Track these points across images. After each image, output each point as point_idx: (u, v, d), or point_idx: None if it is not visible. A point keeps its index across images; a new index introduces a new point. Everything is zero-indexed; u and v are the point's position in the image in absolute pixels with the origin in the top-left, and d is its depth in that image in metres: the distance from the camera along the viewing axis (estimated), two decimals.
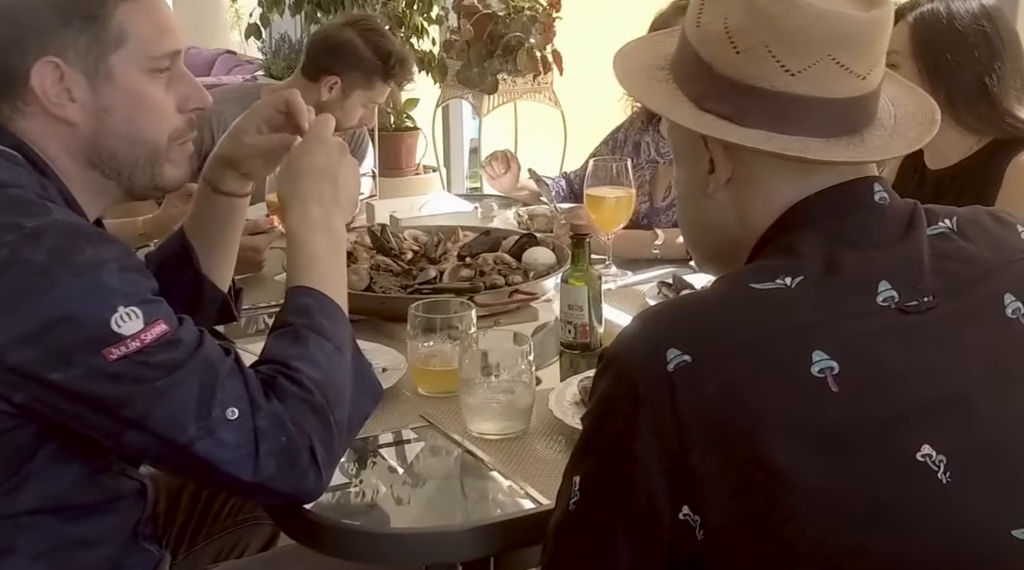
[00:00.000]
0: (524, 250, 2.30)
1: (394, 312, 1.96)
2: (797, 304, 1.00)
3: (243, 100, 2.97)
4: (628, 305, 2.21)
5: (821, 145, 1.06)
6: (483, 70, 4.49)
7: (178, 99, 1.43)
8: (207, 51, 7.40)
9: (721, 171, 1.12)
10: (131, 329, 1.21)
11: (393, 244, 2.34)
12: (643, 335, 1.01)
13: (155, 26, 1.39)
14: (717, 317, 1.01)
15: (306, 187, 1.47)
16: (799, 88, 1.05)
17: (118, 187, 1.42)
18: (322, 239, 1.45)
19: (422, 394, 1.76)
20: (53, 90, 1.33)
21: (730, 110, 1.08)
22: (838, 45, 1.04)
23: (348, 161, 1.53)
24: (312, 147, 1.50)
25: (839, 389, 0.96)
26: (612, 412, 1.01)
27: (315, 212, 1.46)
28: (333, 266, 1.46)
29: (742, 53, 1.06)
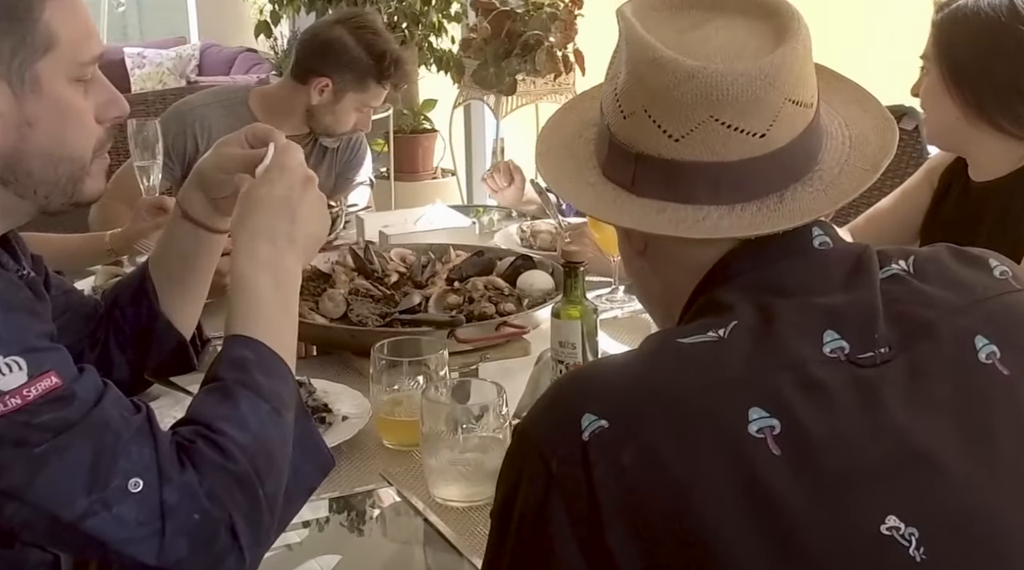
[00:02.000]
0: (519, 274, 2.07)
1: (365, 346, 1.74)
2: (730, 356, 0.90)
3: (228, 104, 2.78)
4: (635, 336, 1.97)
5: (723, 212, 0.97)
6: (500, 70, 4.27)
7: (97, 108, 1.25)
8: (228, 49, 7.24)
9: (632, 243, 1.05)
10: (11, 383, 1.04)
11: (377, 265, 2.12)
12: (556, 404, 0.91)
13: (82, 28, 1.22)
14: (638, 375, 0.91)
15: (258, 221, 1.28)
16: (686, 154, 0.96)
17: (31, 205, 1.25)
18: (269, 281, 1.26)
19: (387, 446, 1.55)
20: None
21: (627, 179, 1.01)
22: (716, 105, 0.94)
23: (312, 196, 1.33)
24: (272, 177, 1.31)
25: (781, 451, 0.84)
26: (523, 496, 0.89)
27: (264, 250, 1.27)
28: (280, 313, 1.27)
29: (628, 118, 0.99)
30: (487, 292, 1.99)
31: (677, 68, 0.94)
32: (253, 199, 1.30)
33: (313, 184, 1.34)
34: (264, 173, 1.32)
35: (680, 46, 0.97)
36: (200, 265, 1.54)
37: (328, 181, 2.89)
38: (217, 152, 1.47)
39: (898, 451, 0.87)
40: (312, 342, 1.90)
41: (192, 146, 2.72)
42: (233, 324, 1.25)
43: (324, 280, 2.10)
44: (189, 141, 2.70)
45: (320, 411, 1.59)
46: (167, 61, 7.45)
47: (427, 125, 5.09)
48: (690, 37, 0.99)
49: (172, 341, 1.56)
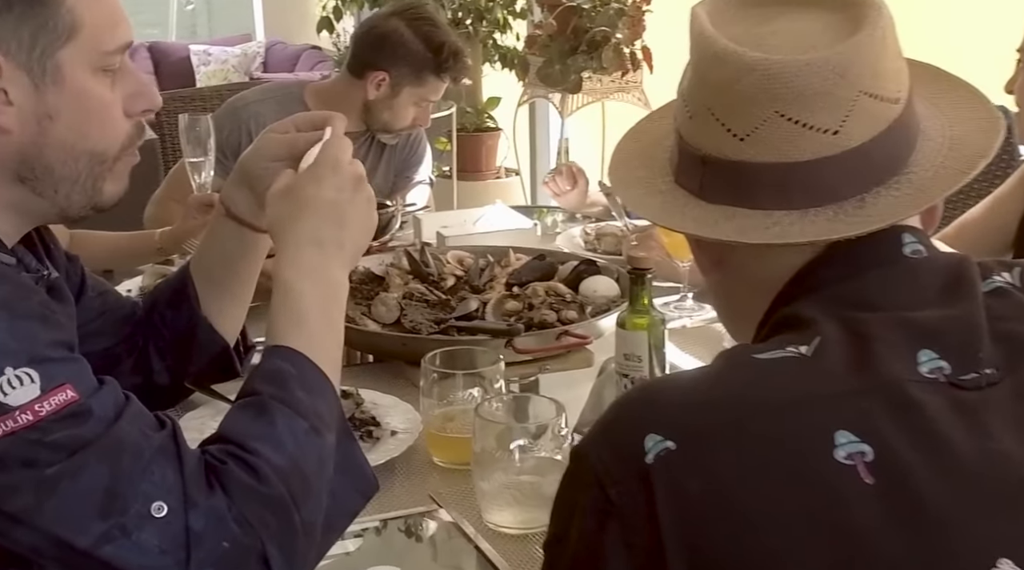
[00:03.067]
0: (582, 279, 1.96)
1: (417, 355, 1.64)
2: (812, 374, 0.82)
3: (283, 100, 2.69)
4: (705, 347, 1.85)
5: (794, 218, 0.90)
6: (566, 67, 4.15)
7: (125, 100, 1.17)
8: (292, 46, 7.20)
9: (706, 253, 0.98)
10: (22, 398, 0.96)
11: (433, 268, 2.02)
12: (617, 423, 0.84)
13: (108, 14, 1.14)
14: (710, 393, 0.82)
15: (304, 224, 1.19)
16: (753, 154, 0.90)
17: (50, 206, 1.16)
18: (314, 290, 1.17)
19: (438, 464, 1.44)
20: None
21: (696, 184, 0.95)
22: (780, 99, 0.88)
23: (362, 198, 1.24)
24: (322, 175, 1.21)
25: (875, 480, 0.75)
26: (578, 526, 0.82)
27: (310, 256, 1.18)
28: (324, 325, 1.18)
29: (693, 118, 0.94)
30: (548, 298, 1.89)
31: (738, 61, 0.89)
32: (300, 200, 1.20)
33: (364, 185, 1.24)
34: (313, 169, 1.22)
35: (746, 40, 0.90)
36: (244, 267, 1.45)
37: (386, 179, 2.80)
38: (261, 140, 1.37)
39: (1008, 484, 0.78)
40: (362, 349, 1.81)
41: (246, 142, 2.63)
42: (274, 334, 1.16)
43: (377, 283, 2.01)
44: (244, 137, 2.62)
45: (367, 424, 1.49)
46: (232, 58, 7.44)
47: (491, 123, 4.99)
48: (759, 31, 0.92)
49: (214, 347, 1.47)
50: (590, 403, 1.73)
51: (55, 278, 1.25)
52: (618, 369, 1.58)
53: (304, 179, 1.22)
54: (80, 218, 1.24)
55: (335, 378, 1.16)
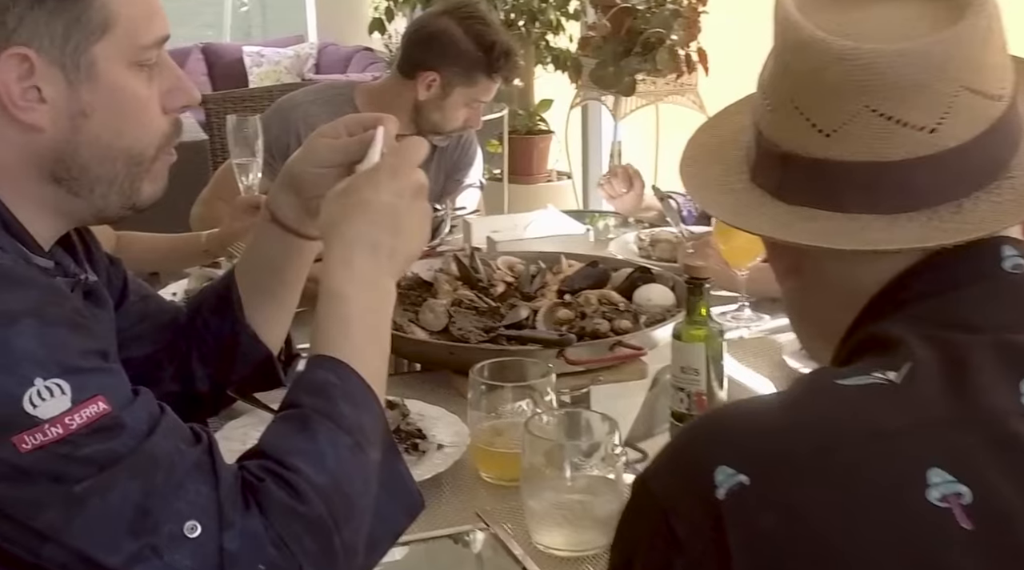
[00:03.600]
0: (636, 287, 1.90)
1: (466, 364, 1.59)
2: (902, 404, 0.74)
3: (332, 101, 2.65)
4: (762, 360, 1.79)
5: (884, 223, 0.82)
6: (619, 69, 4.08)
7: (162, 96, 1.14)
8: (345, 48, 7.19)
9: (783, 258, 0.91)
10: (52, 410, 0.92)
11: (483, 274, 1.97)
12: (684, 453, 0.78)
13: (144, 7, 1.10)
14: (787, 422, 0.75)
15: (359, 229, 1.14)
16: (839, 152, 0.83)
17: (87, 207, 1.13)
18: (363, 299, 1.12)
19: (486, 480, 1.39)
20: (19, 88, 1.04)
21: (774, 183, 0.88)
22: (871, 92, 0.81)
23: (420, 208, 1.19)
24: (381, 179, 1.16)
25: (973, 526, 0.68)
26: (642, 562, 0.76)
27: (362, 263, 1.13)
28: (371, 336, 1.13)
29: (774, 112, 0.88)
30: (601, 307, 1.83)
31: (826, 49, 0.82)
32: (356, 202, 1.15)
33: (424, 194, 1.19)
34: (373, 172, 1.17)
35: (836, 28, 0.83)
36: (289, 274, 1.40)
37: (436, 182, 2.75)
38: (310, 144, 1.33)
39: None
40: (409, 358, 1.76)
41: (295, 144, 2.59)
42: (319, 343, 1.11)
43: (425, 289, 1.96)
44: (292, 139, 2.58)
45: (413, 437, 1.44)
46: (285, 60, 7.45)
47: (543, 126, 4.94)
48: (849, 19, 0.85)
49: (257, 355, 1.43)
50: (643, 416, 1.67)
51: (93, 282, 1.22)
52: (674, 383, 1.52)
53: (363, 181, 1.17)
54: (117, 219, 1.20)
55: (380, 391, 1.11)
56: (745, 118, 0.96)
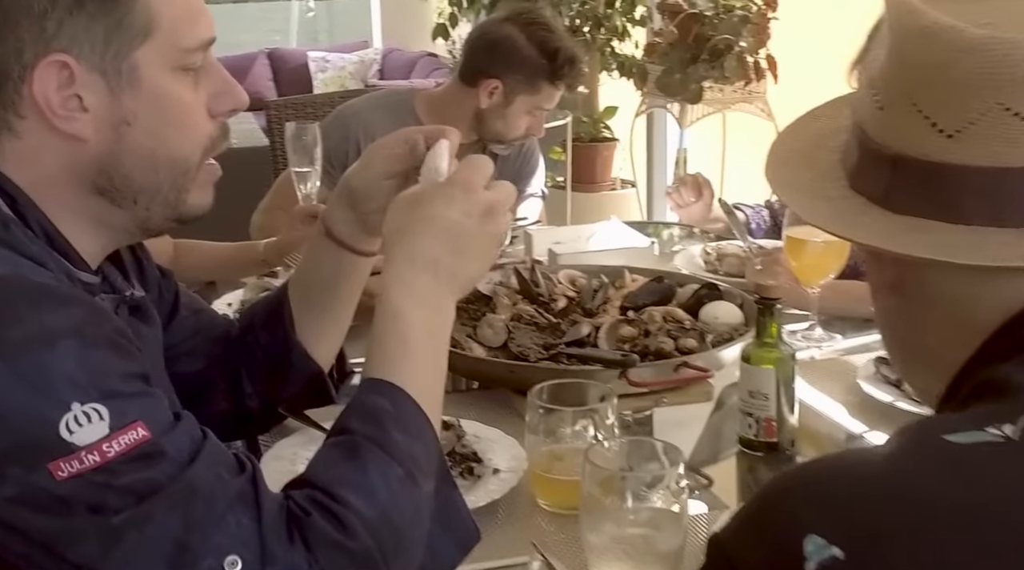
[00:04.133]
0: (703, 304, 1.83)
1: (525, 383, 1.53)
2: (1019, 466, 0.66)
3: (393, 109, 2.61)
4: (835, 383, 1.71)
5: (1009, 238, 0.73)
6: (686, 77, 4.00)
7: (209, 100, 1.09)
8: (409, 53, 7.19)
9: (883, 272, 0.82)
10: (89, 436, 0.88)
11: (543, 289, 1.91)
12: (768, 518, 0.68)
13: (187, 9, 1.06)
14: (886, 484, 0.66)
15: (422, 244, 1.08)
16: (960, 155, 0.74)
17: (130, 219, 1.09)
18: (422, 319, 1.07)
19: (544, 507, 1.33)
20: (58, 97, 1.00)
21: (879, 189, 0.79)
22: (1005, 88, 0.72)
23: (490, 229, 1.12)
24: (453, 195, 1.10)
25: None
26: None
27: (423, 281, 1.08)
28: (428, 359, 1.08)
29: (885, 109, 0.79)
30: (665, 325, 1.76)
31: (954, 39, 0.73)
32: (424, 216, 1.09)
33: (495, 216, 1.12)
34: (446, 186, 1.12)
35: (962, 14, 0.74)
36: (343, 291, 1.35)
37: None
38: (367, 156, 1.28)
39: None
40: (466, 376, 1.70)
41: (354, 153, 2.56)
42: (374, 364, 1.06)
43: (485, 303, 1.90)
44: (351, 147, 2.55)
45: (468, 461, 1.38)
46: (349, 65, 7.46)
47: (607, 133, 4.87)
48: (977, 6, 0.76)
49: (308, 372, 1.38)
50: (708, 439, 1.61)
51: (140, 298, 1.18)
52: (742, 407, 1.45)
53: (435, 194, 1.11)
54: (162, 231, 1.16)
55: (436, 417, 1.06)
56: (834, 121, 0.88)
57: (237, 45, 9.25)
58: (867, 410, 1.58)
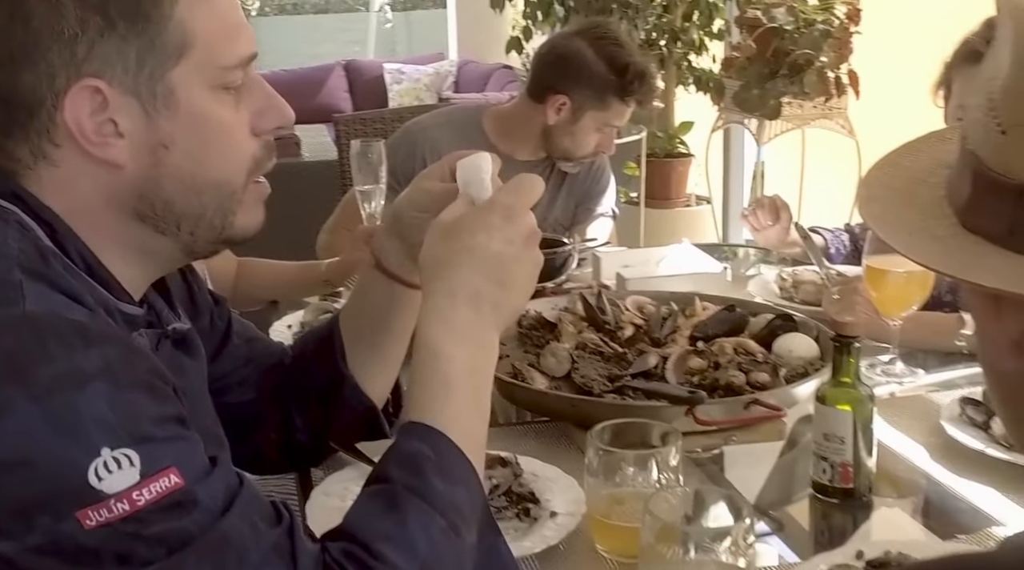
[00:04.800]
0: (776, 336, 1.74)
1: (587, 417, 1.47)
2: None
3: (460, 125, 2.57)
4: (916, 422, 1.61)
5: None
6: (764, 92, 3.90)
7: (252, 118, 1.05)
8: (484, 65, 7.16)
9: (1004, 325, 0.69)
10: (119, 483, 0.84)
11: (610, 316, 1.84)
12: None
13: (224, 25, 1.01)
14: None
15: (462, 276, 1.03)
16: None
17: (174, 245, 1.06)
18: (464, 356, 1.02)
19: (602, 554, 1.26)
20: (92, 123, 0.96)
21: (1000, 226, 0.68)
22: None
23: (532, 258, 1.07)
24: (492, 223, 1.05)
25: None
26: None
27: (464, 315, 1.03)
28: (471, 399, 1.03)
29: (1009, 133, 0.66)
30: (737, 357, 1.68)
31: None
32: (464, 248, 1.04)
33: (535, 242, 1.07)
34: (485, 214, 1.06)
35: None
36: (394, 325, 1.31)
37: (566, 211, 2.64)
38: (415, 187, 1.23)
39: None
40: (526, 408, 1.64)
41: (420, 170, 2.51)
42: (413, 406, 1.01)
43: (549, 330, 1.84)
44: (418, 164, 2.50)
45: (525, 501, 1.32)
46: (425, 77, 7.46)
47: (682, 149, 4.77)
48: None
49: (359, 406, 1.34)
50: (778, 478, 1.52)
51: (186, 330, 1.14)
52: (816, 450, 1.37)
53: (473, 222, 1.06)
54: (209, 254, 1.12)
55: (479, 461, 1.00)
56: (932, 155, 0.79)
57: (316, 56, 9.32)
58: (952, 454, 1.48)
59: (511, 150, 2.52)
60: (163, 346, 1.09)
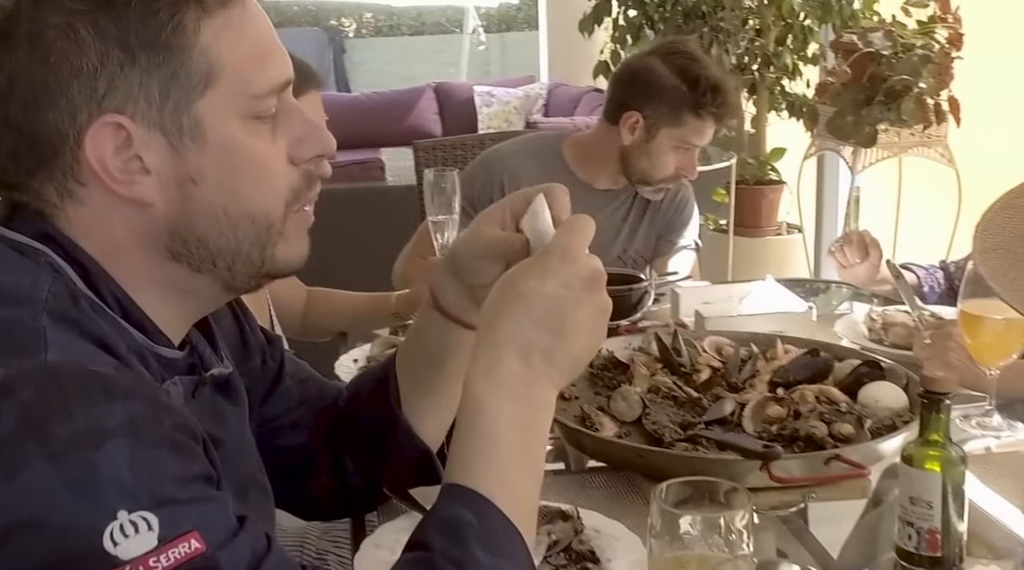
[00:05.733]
0: (862, 383, 1.64)
1: (655, 469, 1.40)
2: None
3: (540, 153, 2.51)
4: (1014, 481, 1.50)
5: None
6: (859, 119, 3.77)
7: (290, 146, 1.00)
8: (574, 88, 7.09)
9: None
10: (136, 549, 0.79)
11: (685, 357, 1.76)
12: None
13: (253, 50, 0.96)
14: None
15: (512, 325, 0.97)
16: None
17: (213, 282, 1.01)
18: (512, 413, 0.95)
19: None
20: (117, 161, 0.92)
21: None
22: None
23: (595, 304, 0.99)
24: (547, 265, 0.98)
25: None
26: None
27: (512, 368, 0.96)
28: (520, 460, 0.95)
29: None
30: (819, 406, 1.58)
31: None
32: (516, 294, 0.97)
33: (601, 284, 0.99)
34: (541, 257, 1.00)
35: None
36: (450, 366, 1.24)
37: (647, 242, 2.56)
38: (473, 229, 1.17)
39: None
40: (592, 457, 1.56)
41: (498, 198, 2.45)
42: (457, 466, 0.94)
43: (621, 371, 1.76)
44: (496, 193, 2.45)
45: (585, 560, 1.25)
46: (515, 100, 7.43)
47: (774, 176, 4.65)
48: None
49: (413, 451, 1.28)
50: (859, 538, 1.43)
51: (227, 374, 1.09)
52: (901, 514, 1.27)
53: (528, 267, 0.99)
54: (250, 290, 1.06)
55: (529, 528, 0.93)
56: None
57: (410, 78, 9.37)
58: None
59: (591, 178, 2.45)
60: (200, 393, 1.04)
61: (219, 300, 1.07)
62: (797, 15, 4.39)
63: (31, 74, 0.90)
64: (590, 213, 1.03)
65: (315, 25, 13.86)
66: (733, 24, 4.34)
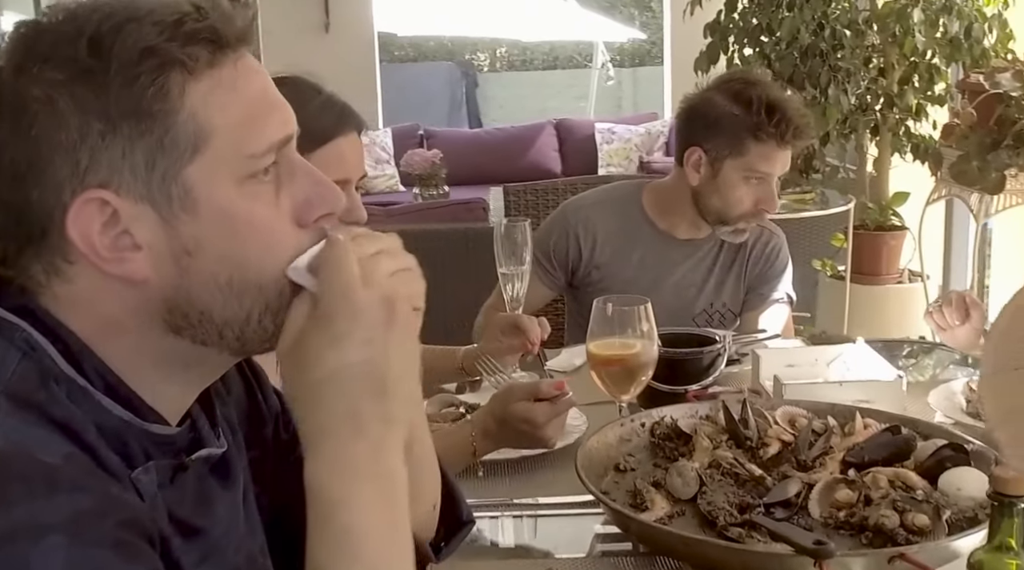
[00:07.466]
0: (944, 468, 1.49)
1: (702, 558, 1.28)
2: None
3: (619, 203, 2.40)
4: None
5: None
6: (985, 164, 3.55)
7: (295, 207, 0.92)
8: None
9: None
10: None
11: (753, 429, 1.63)
12: None
13: (251, 108, 0.89)
14: None
15: (332, 408, 0.90)
16: None
17: (222, 351, 0.93)
18: (371, 495, 0.88)
19: None
20: (105, 239, 0.86)
21: None
22: None
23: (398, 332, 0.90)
24: (338, 332, 0.90)
25: None
26: None
27: (356, 452, 0.89)
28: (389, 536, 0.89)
29: None
30: (892, 492, 1.43)
31: None
32: (318, 379, 0.89)
33: (397, 307, 0.90)
34: (325, 325, 0.89)
35: None
36: None
37: (735, 295, 2.41)
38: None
39: None
40: (638, 540, 1.45)
41: (575, 251, 2.36)
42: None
43: (683, 442, 1.64)
44: (571, 245, 2.36)
45: None
46: (636, 137, 7.33)
47: (896, 221, 4.43)
48: None
49: None
50: None
51: (220, 455, 1.03)
52: None
53: (316, 344, 0.89)
54: (267, 351, 0.99)
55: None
56: None
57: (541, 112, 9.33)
58: None
59: (670, 227, 2.34)
60: (183, 477, 0.97)
61: (229, 365, 1.01)
62: (923, 54, 4.19)
63: (15, 149, 0.85)
64: (672, 266, 0.94)
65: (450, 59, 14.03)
66: (853, 63, 4.16)
